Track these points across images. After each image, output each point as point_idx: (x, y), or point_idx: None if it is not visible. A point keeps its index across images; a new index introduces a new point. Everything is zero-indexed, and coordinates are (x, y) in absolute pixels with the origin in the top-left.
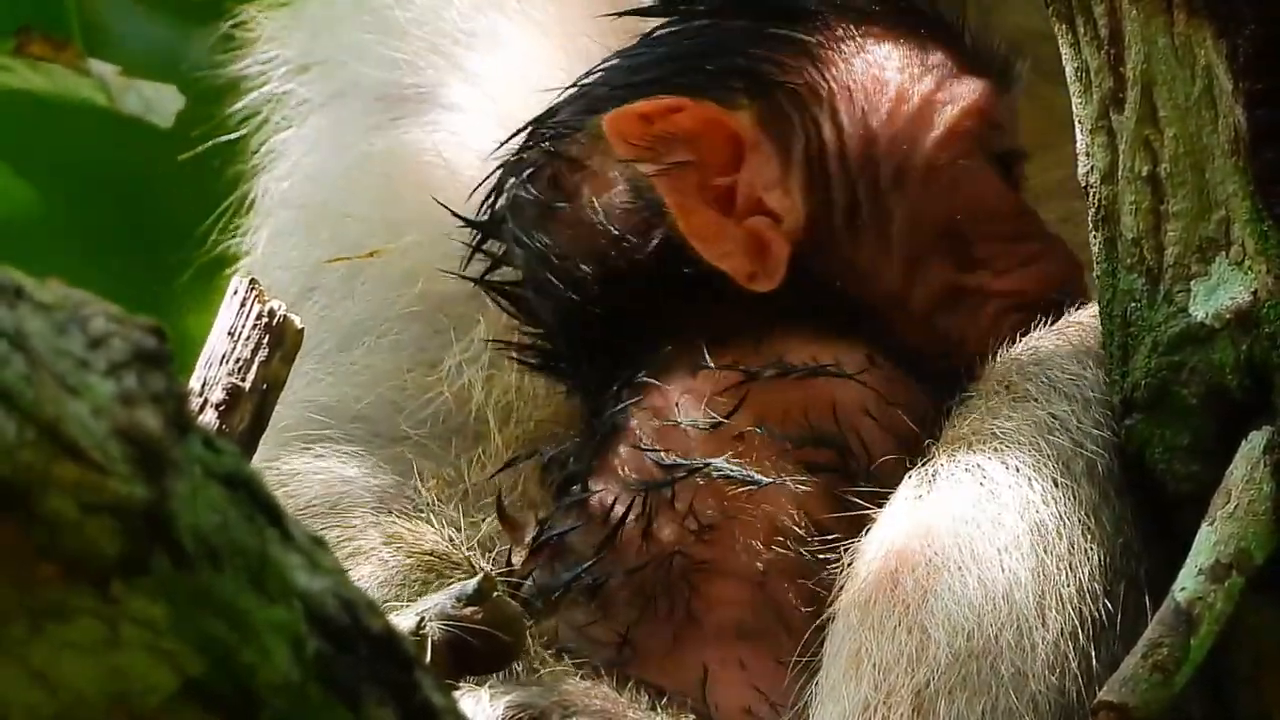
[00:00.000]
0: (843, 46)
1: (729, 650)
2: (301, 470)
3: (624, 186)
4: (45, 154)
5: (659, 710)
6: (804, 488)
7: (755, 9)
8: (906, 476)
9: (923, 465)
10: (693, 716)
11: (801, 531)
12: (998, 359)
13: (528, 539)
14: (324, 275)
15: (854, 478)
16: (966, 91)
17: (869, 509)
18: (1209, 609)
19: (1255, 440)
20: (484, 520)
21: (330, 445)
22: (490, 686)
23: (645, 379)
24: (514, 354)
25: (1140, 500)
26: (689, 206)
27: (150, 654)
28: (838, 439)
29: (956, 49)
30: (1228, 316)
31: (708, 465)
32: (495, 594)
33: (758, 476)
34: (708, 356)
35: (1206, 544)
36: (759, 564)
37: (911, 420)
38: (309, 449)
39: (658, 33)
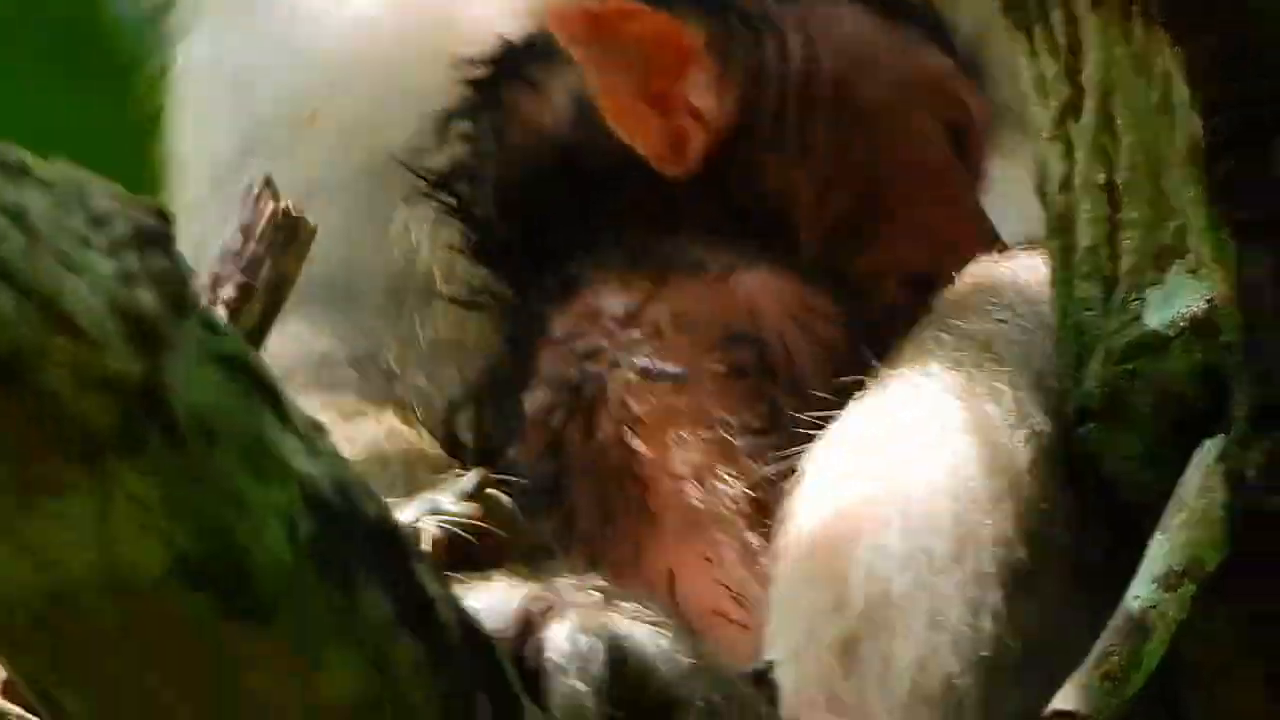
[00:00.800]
0: None
1: (688, 547)
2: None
3: (563, 93)
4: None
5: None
6: (725, 383)
7: None
8: (852, 399)
9: (875, 390)
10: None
11: (734, 424)
12: (972, 281)
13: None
14: (263, 135)
15: (777, 380)
16: (929, 57)
17: (799, 415)
18: (1162, 617)
19: (1209, 448)
20: (436, 382)
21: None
22: (498, 581)
23: (569, 276)
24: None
25: (1071, 480)
26: (613, 89)
27: (141, 531)
28: (756, 339)
29: (927, 29)
30: (1182, 324)
31: (633, 361)
32: (490, 491)
33: (675, 370)
34: (625, 256)
35: (1160, 552)
36: (696, 456)
37: (834, 330)
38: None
39: None
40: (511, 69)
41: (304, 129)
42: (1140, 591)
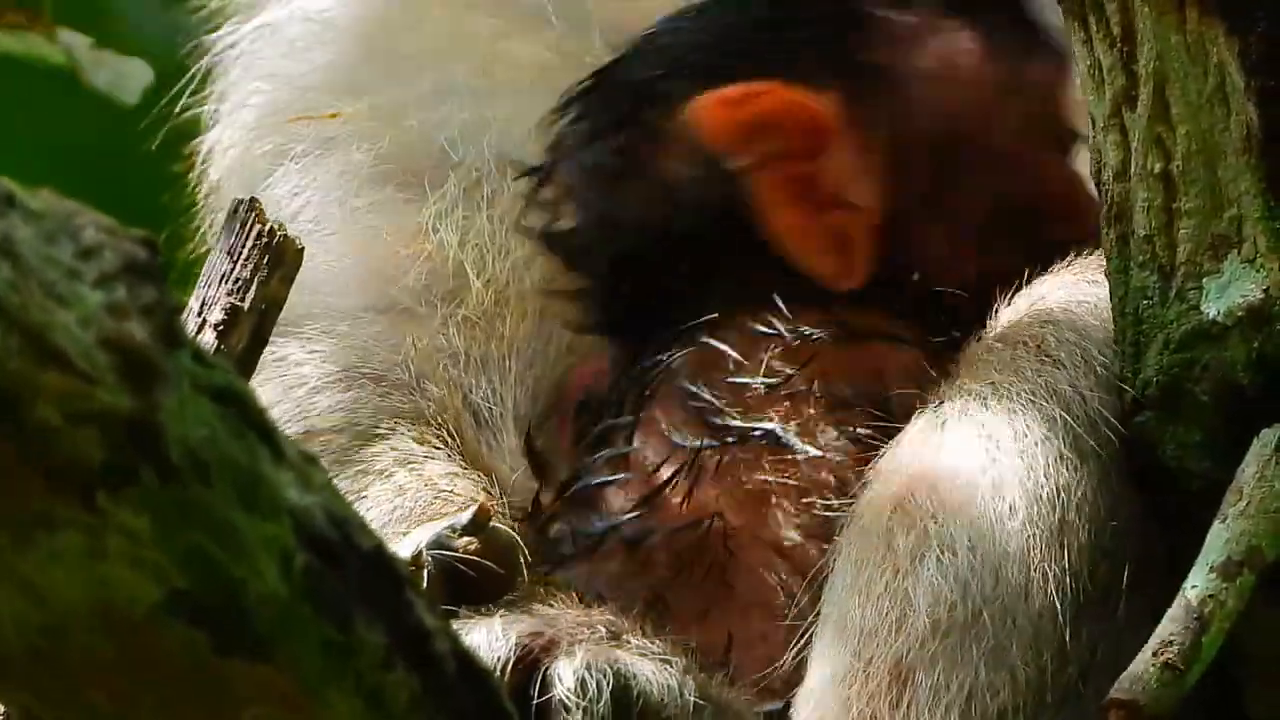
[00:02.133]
0: (919, 28)
1: (755, 622)
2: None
3: (701, 161)
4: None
5: (660, 638)
6: (842, 456)
7: None
8: (917, 415)
9: (935, 406)
10: (693, 644)
11: (834, 500)
12: (1029, 305)
13: (558, 481)
14: (294, 142)
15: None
16: (1035, 73)
17: None
18: (1220, 606)
19: (1267, 437)
20: (469, 386)
21: (318, 324)
22: (502, 614)
23: (701, 334)
24: (558, 297)
25: (1140, 492)
26: (778, 202)
27: (135, 566)
28: (883, 403)
29: (1024, 29)
30: (1239, 314)
31: (766, 430)
32: (490, 524)
33: (807, 447)
34: (773, 318)
35: (1218, 541)
36: (793, 533)
37: None
38: (300, 332)
39: None
40: (637, 118)
41: (330, 135)
42: (1198, 581)
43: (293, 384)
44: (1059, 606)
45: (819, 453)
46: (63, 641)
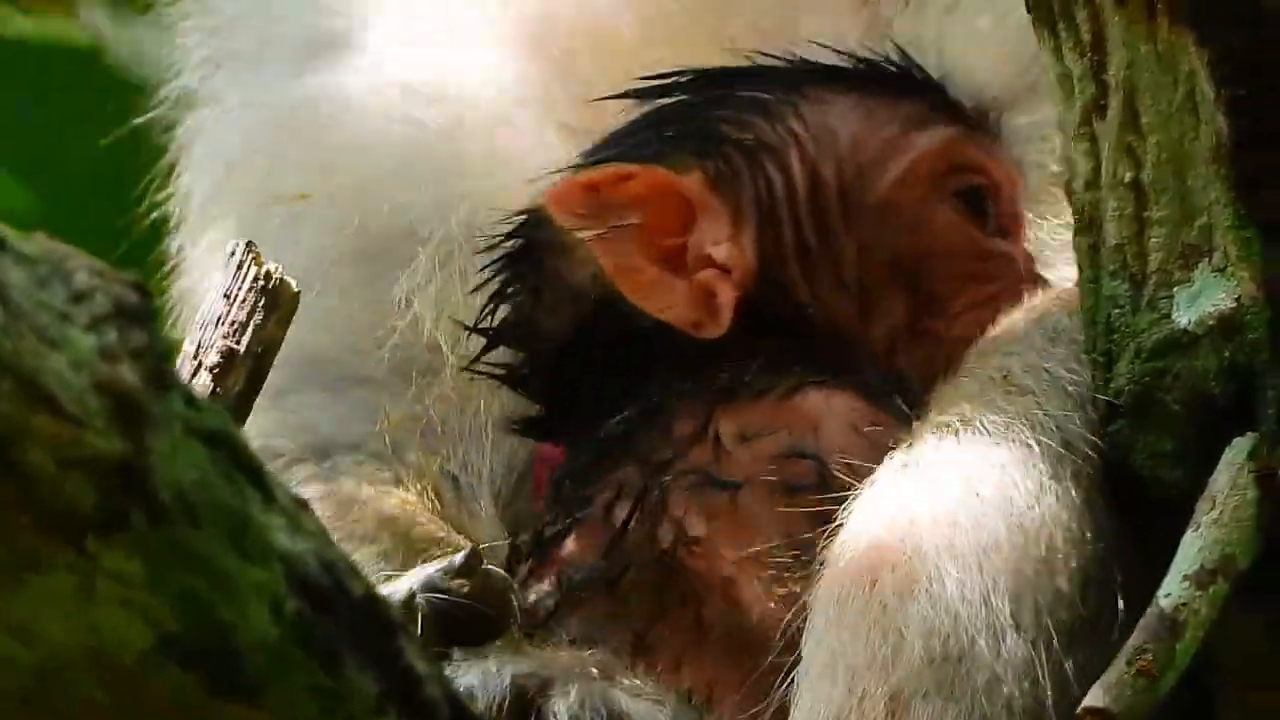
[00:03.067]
0: (801, 103)
1: (731, 665)
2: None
3: (581, 258)
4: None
5: (652, 678)
6: (781, 499)
7: (721, 79)
8: (889, 456)
9: (907, 446)
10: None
11: (786, 543)
12: (991, 341)
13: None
14: (265, 225)
15: (836, 497)
16: (925, 138)
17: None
18: (1194, 615)
19: (1239, 446)
20: (446, 455)
21: (298, 396)
22: (495, 656)
23: (638, 407)
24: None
25: (1122, 508)
26: (628, 266)
27: (126, 609)
28: (816, 456)
29: (923, 100)
30: (1210, 323)
31: (689, 471)
32: (483, 566)
33: (730, 481)
34: (692, 382)
35: (1191, 550)
36: (748, 574)
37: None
38: (275, 405)
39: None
40: (540, 236)
41: (302, 217)
42: (1171, 589)
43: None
44: (1053, 633)
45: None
46: (53, 684)
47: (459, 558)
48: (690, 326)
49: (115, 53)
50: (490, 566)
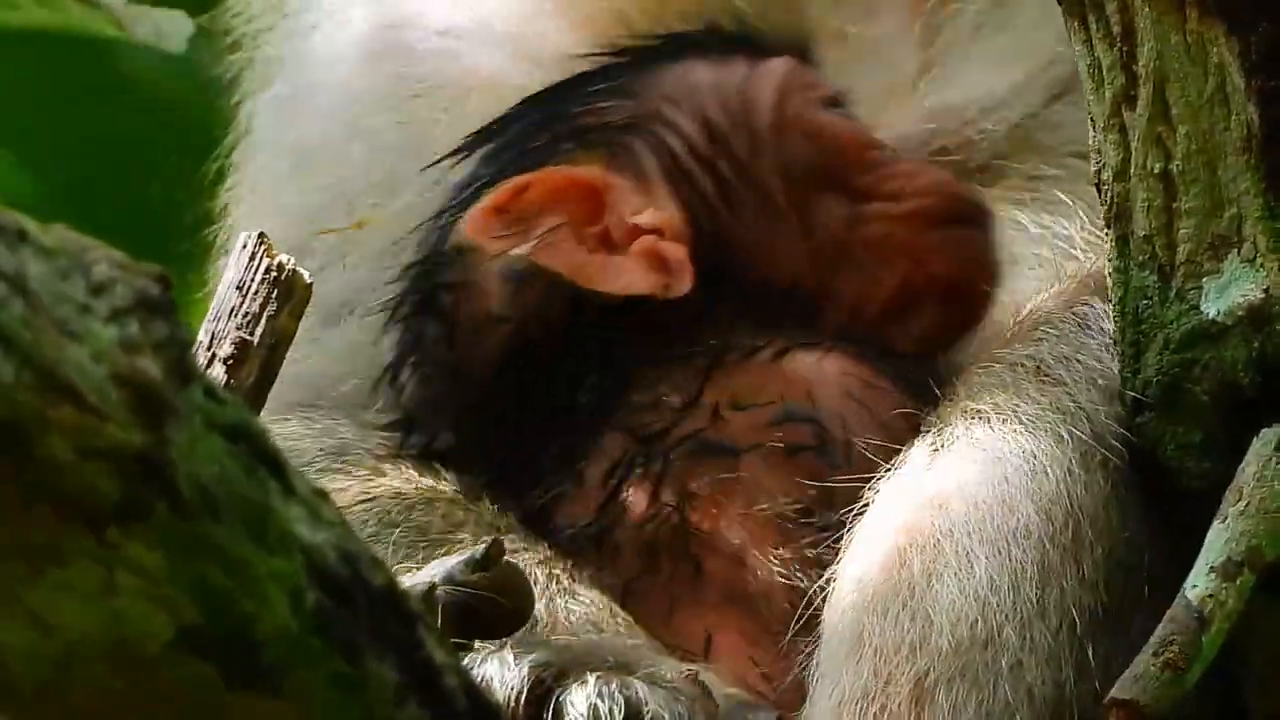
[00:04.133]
0: (651, 76)
1: (730, 617)
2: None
3: (504, 279)
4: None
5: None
6: (781, 461)
7: (562, 90)
8: (919, 439)
9: (937, 431)
10: (702, 663)
11: (787, 505)
12: (1020, 324)
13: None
14: (317, 238)
15: (834, 457)
16: (774, 66)
17: (857, 484)
18: (1220, 606)
19: (1267, 437)
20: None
21: (320, 411)
22: (513, 646)
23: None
24: None
25: (1150, 499)
26: (574, 260)
27: (147, 600)
28: (813, 417)
29: (746, 49)
30: (1239, 314)
31: (685, 437)
32: (503, 559)
33: (728, 445)
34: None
35: (1218, 541)
36: (748, 534)
37: (892, 400)
38: (305, 414)
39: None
40: (432, 287)
41: (354, 239)
42: (1198, 581)
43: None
44: (1077, 621)
45: (743, 452)
46: (72, 675)
47: (479, 550)
48: (660, 290)
49: (134, 40)
50: (510, 559)
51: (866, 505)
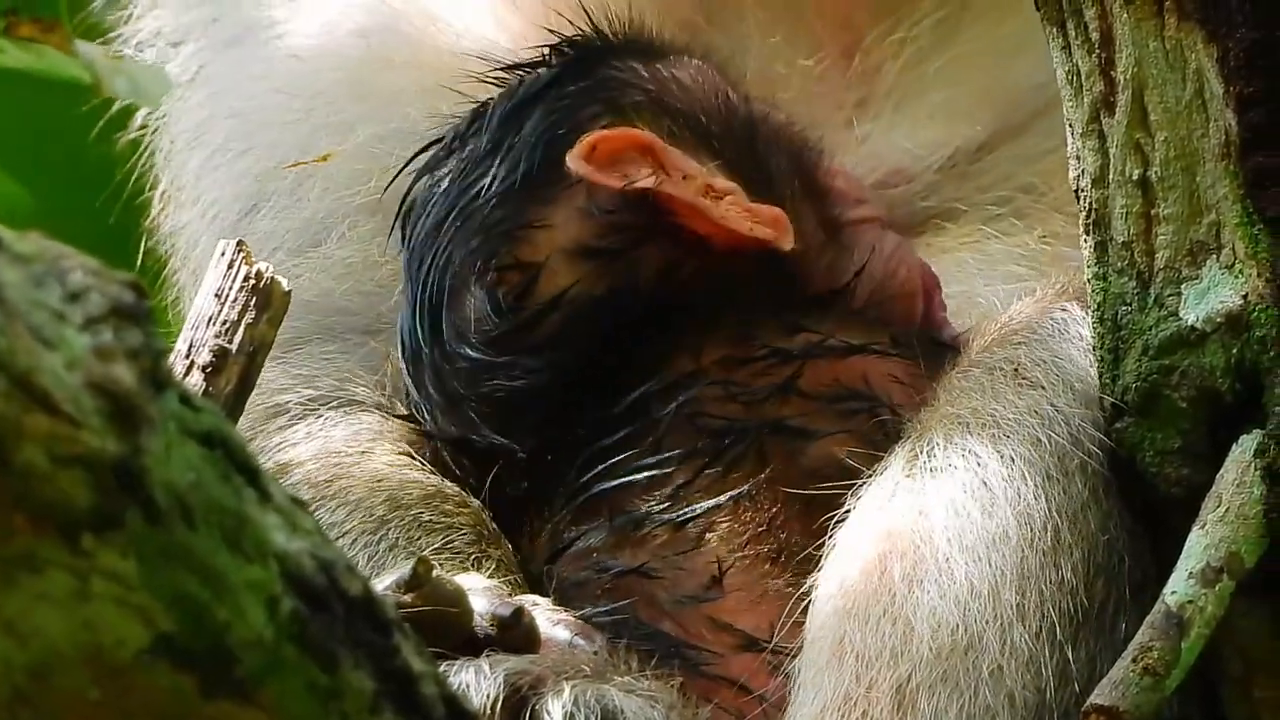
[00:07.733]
0: (644, 67)
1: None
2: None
3: (611, 211)
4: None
5: (646, 671)
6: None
7: (571, 71)
8: (898, 447)
9: (916, 438)
10: (679, 679)
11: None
12: (999, 330)
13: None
14: (270, 185)
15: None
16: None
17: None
18: (1200, 612)
19: (1246, 444)
20: None
21: (306, 348)
22: (488, 656)
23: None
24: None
25: (1128, 501)
26: (700, 203)
27: (121, 608)
28: (870, 398)
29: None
30: (1218, 320)
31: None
32: (433, 574)
33: (812, 428)
34: (749, 346)
35: (1197, 548)
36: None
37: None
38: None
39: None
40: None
41: (308, 176)
42: (1177, 587)
43: (273, 413)
44: (1057, 625)
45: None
46: (48, 683)
47: (406, 571)
48: (775, 241)
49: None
50: (440, 574)
51: (848, 512)
